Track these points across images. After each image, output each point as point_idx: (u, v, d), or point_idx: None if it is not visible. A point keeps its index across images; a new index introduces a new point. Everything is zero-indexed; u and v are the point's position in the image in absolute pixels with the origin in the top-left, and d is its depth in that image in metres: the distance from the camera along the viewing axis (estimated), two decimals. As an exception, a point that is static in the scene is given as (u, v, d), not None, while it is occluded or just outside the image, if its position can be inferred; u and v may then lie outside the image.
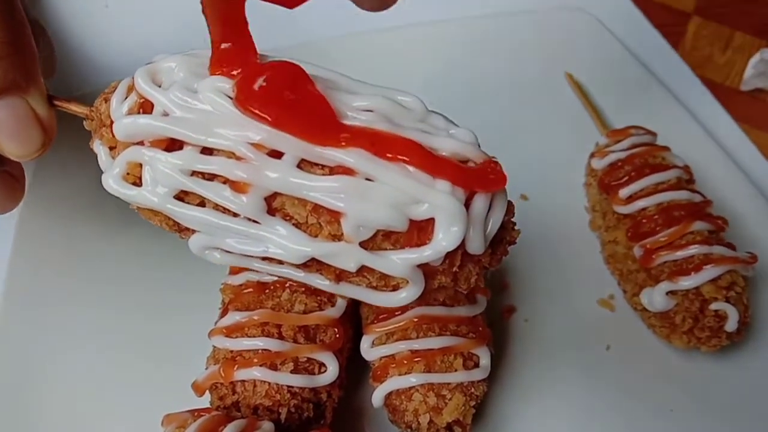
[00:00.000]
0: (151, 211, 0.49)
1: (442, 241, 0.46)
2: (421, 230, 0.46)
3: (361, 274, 0.48)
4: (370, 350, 0.64)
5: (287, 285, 0.63)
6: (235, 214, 0.47)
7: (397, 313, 0.63)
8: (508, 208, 0.49)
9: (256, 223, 0.47)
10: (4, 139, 0.51)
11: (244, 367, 0.59)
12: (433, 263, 0.47)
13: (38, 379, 0.68)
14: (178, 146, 0.47)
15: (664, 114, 0.91)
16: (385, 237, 0.47)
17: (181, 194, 0.47)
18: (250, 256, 0.49)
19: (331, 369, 0.60)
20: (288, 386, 0.59)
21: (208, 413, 0.56)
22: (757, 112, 0.99)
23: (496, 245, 0.50)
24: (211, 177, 0.46)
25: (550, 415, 0.68)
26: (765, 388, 0.71)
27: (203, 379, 0.61)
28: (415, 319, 0.63)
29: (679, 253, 0.68)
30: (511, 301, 0.76)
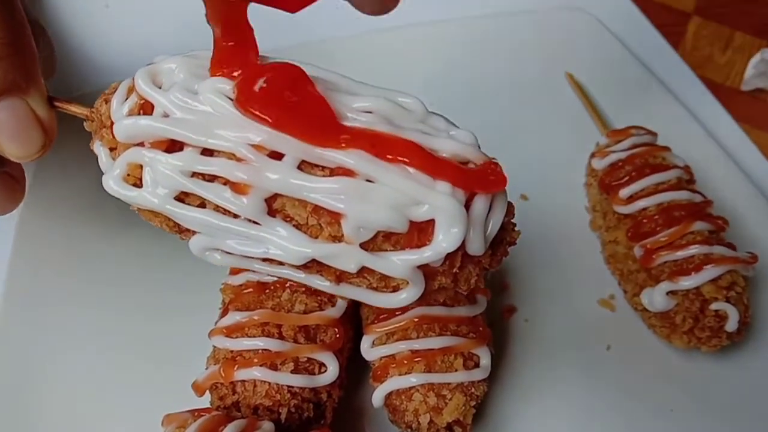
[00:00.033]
0: (152, 212, 0.49)
1: (443, 243, 0.46)
2: (421, 231, 0.46)
3: (362, 275, 0.48)
4: (370, 350, 0.64)
5: (287, 285, 0.63)
6: (236, 216, 0.47)
7: (398, 313, 0.63)
8: (508, 210, 0.50)
9: (257, 225, 0.47)
10: (5, 141, 0.51)
11: (245, 367, 0.59)
12: (434, 264, 0.47)
13: (38, 380, 0.68)
14: (179, 147, 0.47)
15: (665, 114, 0.91)
16: (386, 238, 0.47)
17: (182, 195, 0.47)
18: (251, 258, 0.49)
19: (332, 369, 0.60)
20: (288, 386, 0.59)
21: (209, 413, 0.56)
22: (757, 112, 0.99)
23: (496, 246, 0.50)
24: (211, 178, 0.47)
25: (551, 415, 0.68)
26: (765, 388, 0.71)
27: (203, 379, 0.61)
28: (416, 319, 0.63)
29: (680, 253, 0.68)
30: (512, 301, 0.76)
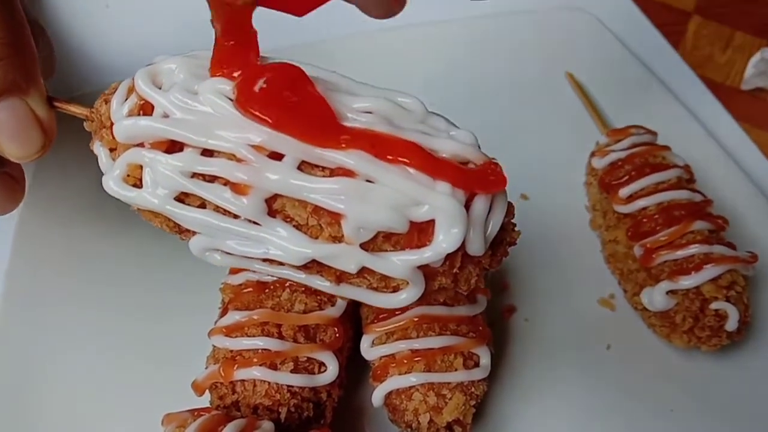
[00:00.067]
0: (152, 212, 0.49)
1: (443, 243, 0.46)
2: (421, 232, 0.46)
3: (362, 275, 0.48)
4: (370, 350, 0.64)
5: (287, 285, 0.63)
6: (236, 216, 0.47)
7: (397, 312, 0.63)
8: (509, 210, 0.50)
9: (257, 225, 0.47)
10: (4, 141, 0.51)
11: (244, 366, 0.59)
12: (434, 265, 0.47)
13: (38, 380, 0.68)
14: (179, 148, 0.47)
15: (665, 113, 0.91)
16: (386, 238, 0.47)
17: (182, 196, 0.47)
18: (251, 258, 0.49)
19: (331, 368, 0.60)
20: (288, 386, 0.59)
21: (208, 413, 0.56)
22: (757, 112, 0.99)
23: (497, 246, 0.50)
24: (211, 179, 0.47)
25: (551, 415, 0.68)
26: (765, 388, 0.71)
27: (203, 379, 0.61)
28: (416, 319, 0.62)
29: (680, 253, 0.68)
30: (512, 301, 0.76)
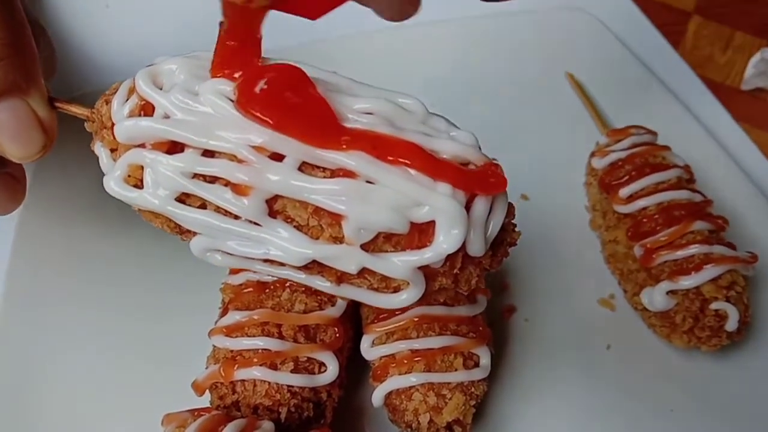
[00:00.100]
0: (153, 213, 0.49)
1: (443, 244, 0.46)
2: (421, 233, 0.46)
3: (362, 276, 0.48)
4: (370, 350, 0.64)
5: (287, 285, 0.63)
6: (237, 217, 0.47)
7: (398, 312, 0.63)
8: (509, 210, 0.50)
9: (258, 226, 0.47)
10: (5, 141, 0.51)
11: (244, 366, 0.59)
12: (434, 265, 0.47)
13: (38, 380, 0.68)
14: (180, 149, 0.47)
15: (665, 113, 0.91)
16: (386, 239, 0.47)
17: (183, 197, 0.47)
18: (252, 259, 0.49)
19: (331, 368, 0.60)
20: (288, 386, 0.59)
21: (208, 413, 0.56)
22: (757, 112, 0.99)
23: (497, 247, 0.50)
24: (212, 179, 0.47)
25: (551, 415, 0.68)
26: (765, 388, 0.71)
27: (203, 379, 0.61)
28: (416, 319, 0.62)
29: (680, 253, 0.68)
30: (512, 301, 0.76)
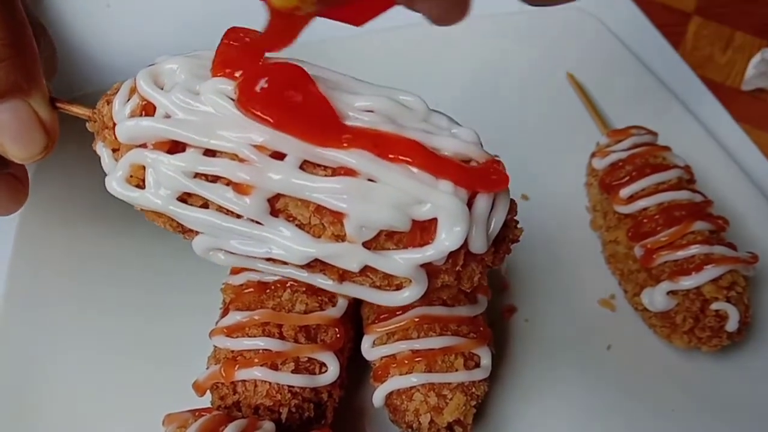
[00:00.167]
0: (155, 212, 0.49)
1: (445, 241, 0.46)
2: (423, 230, 0.46)
3: (365, 274, 0.48)
4: (370, 350, 0.64)
5: (288, 285, 0.63)
6: (239, 216, 0.47)
7: (398, 312, 0.63)
8: (511, 207, 0.50)
9: (260, 225, 0.47)
10: (7, 142, 0.51)
11: (245, 366, 0.59)
12: (436, 263, 0.47)
13: (38, 380, 0.68)
14: (181, 148, 0.47)
15: (665, 114, 0.91)
16: (388, 237, 0.47)
17: (184, 196, 0.47)
18: (254, 257, 0.49)
19: (332, 369, 0.60)
20: (289, 386, 0.58)
21: (209, 413, 0.56)
22: (758, 112, 0.99)
23: (499, 244, 0.50)
24: (214, 179, 0.47)
25: (551, 415, 0.68)
26: (765, 388, 0.71)
27: (204, 379, 0.61)
28: (416, 319, 0.62)
29: (680, 253, 0.68)
30: (512, 301, 0.76)
